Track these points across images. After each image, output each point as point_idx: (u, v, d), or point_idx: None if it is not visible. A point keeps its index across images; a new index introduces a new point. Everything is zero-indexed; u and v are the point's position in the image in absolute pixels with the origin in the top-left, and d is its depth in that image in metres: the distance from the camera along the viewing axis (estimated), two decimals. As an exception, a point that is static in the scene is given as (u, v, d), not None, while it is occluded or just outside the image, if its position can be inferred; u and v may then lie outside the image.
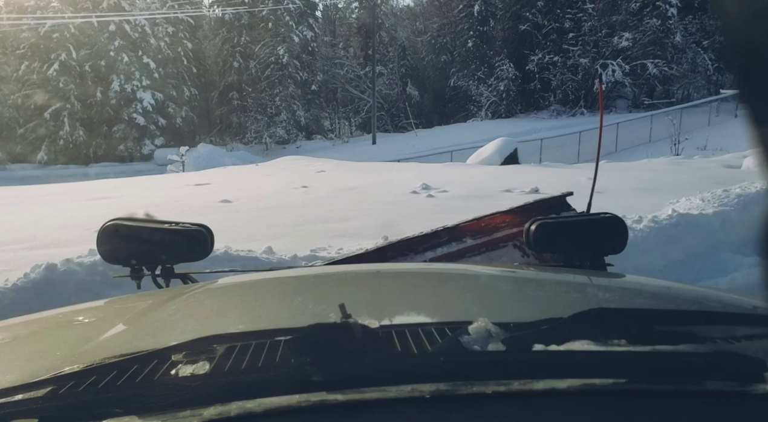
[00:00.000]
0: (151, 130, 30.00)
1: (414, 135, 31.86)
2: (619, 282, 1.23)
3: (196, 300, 1.08)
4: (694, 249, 4.53)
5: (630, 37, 32.89)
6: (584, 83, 33.74)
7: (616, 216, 1.38)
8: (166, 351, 0.64)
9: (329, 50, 37.37)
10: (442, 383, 0.54)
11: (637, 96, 33.99)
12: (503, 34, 36.94)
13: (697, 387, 0.57)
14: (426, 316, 0.91)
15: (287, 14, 32.13)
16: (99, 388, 0.57)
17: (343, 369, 0.56)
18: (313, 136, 33.68)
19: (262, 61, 32.11)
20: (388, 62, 37.86)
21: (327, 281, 1.24)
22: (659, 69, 32.31)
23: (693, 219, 4.72)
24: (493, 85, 35.35)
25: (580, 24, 33.69)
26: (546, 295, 1.11)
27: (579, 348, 0.61)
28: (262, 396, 0.52)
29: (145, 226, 1.35)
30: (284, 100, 31.79)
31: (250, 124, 32.35)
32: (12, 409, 0.53)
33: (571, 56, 33.58)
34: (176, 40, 31.79)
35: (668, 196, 5.87)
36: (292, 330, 0.70)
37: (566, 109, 34.43)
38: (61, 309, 1.19)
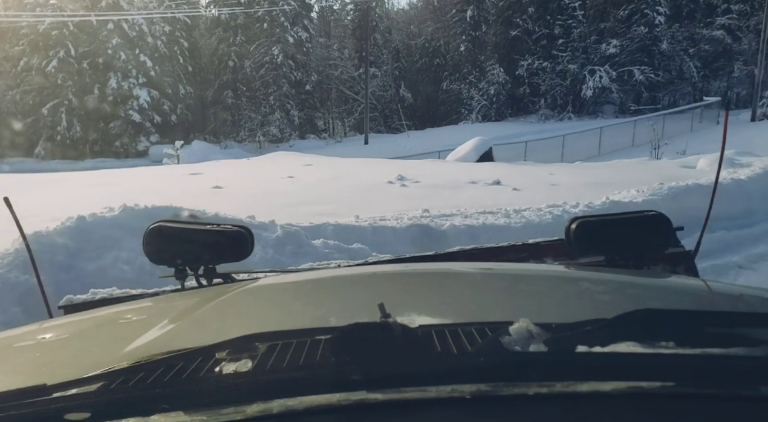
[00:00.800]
0: (147, 126, 30.55)
1: (406, 136, 32.50)
2: (665, 282, 1.20)
3: (238, 300, 1.09)
4: (621, 231, 5.22)
5: (618, 44, 33.66)
6: (572, 88, 34.46)
7: (660, 214, 1.33)
8: (210, 349, 0.65)
9: (324, 51, 37.99)
10: (483, 384, 0.54)
11: (624, 102, 34.79)
12: (495, 39, 37.64)
13: (751, 392, 0.55)
14: (466, 316, 0.89)
15: (282, 15, 32.74)
16: (147, 384, 0.59)
17: (383, 369, 0.57)
18: (306, 136, 34.27)
19: (257, 60, 32.73)
20: (382, 64, 38.53)
21: (366, 281, 1.23)
22: (646, 76, 33.11)
23: (623, 206, 5.44)
24: (484, 89, 36.05)
25: (570, 30, 34.40)
26: (589, 296, 1.07)
27: (624, 349, 0.60)
28: (303, 395, 0.53)
29: (189, 228, 1.39)
30: (278, 99, 32.41)
31: (244, 122, 32.96)
32: (66, 403, 0.55)
33: (560, 62, 34.29)
34: (173, 39, 32.37)
35: (614, 189, 6.58)
36: (332, 329, 0.71)
37: (554, 113, 35.10)
38: (110, 307, 1.28)
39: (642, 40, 33.86)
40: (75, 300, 1.67)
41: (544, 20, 35.40)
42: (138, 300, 1.44)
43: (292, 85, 33.47)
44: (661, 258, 1.62)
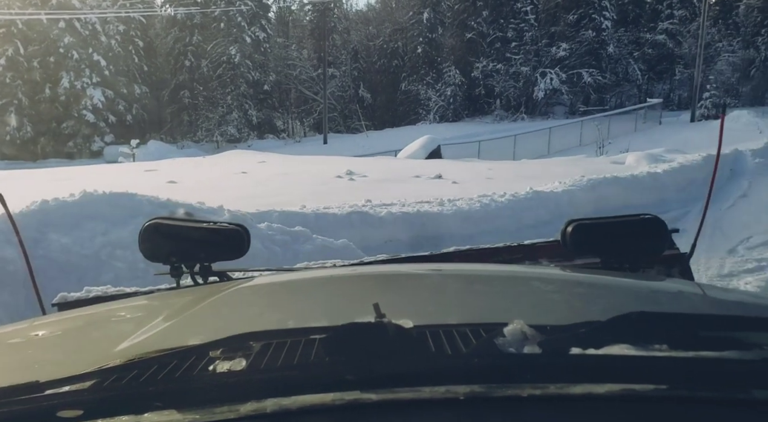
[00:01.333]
0: (101, 127, 30.09)
1: (365, 136, 32.91)
2: (659, 285, 1.21)
3: (233, 298, 1.09)
4: (543, 217, 5.86)
5: (567, 48, 34.96)
6: (525, 90, 35.52)
7: (656, 217, 1.34)
8: (204, 348, 0.65)
9: (282, 51, 38.05)
10: (477, 385, 0.54)
11: (573, 103, 36.09)
12: (451, 42, 38.47)
13: (744, 396, 0.55)
14: (460, 317, 0.90)
15: (239, 15, 32.73)
16: (140, 382, 0.59)
17: (377, 369, 0.57)
18: (265, 136, 34.30)
19: (214, 60, 32.63)
20: (341, 65, 38.85)
21: (361, 281, 1.23)
22: (594, 78, 34.50)
23: (545, 196, 6.06)
24: (441, 90, 36.78)
25: (522, 34, 35.42)
26: (583, 298, 1.09)
27: (618, 352, 0.59)
28: (297, 394, 0.53)
29: (185, 225, 1.38)
30: (236, 99, 32.39)
31: (201, 122, 32.79)
32: (59, 400, 0.55)
33: (514, 64, 35.29)
34: (127, 38, 31.96)
35: (542, 181, 7.21)
36: (327, 329, 0.71)
37: (508, 114, 36.05)
38: (104, 305, 1.28)
39: (590, 43, 35.28)
40: (69, 297, 1.67)
41: (497, 23, 36.39)
42: (132, 298, 1.45)
43: (250, 85, 33.48)
44: (656, 260, 1.62)
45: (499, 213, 5.65)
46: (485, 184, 7.15)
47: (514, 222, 5.70)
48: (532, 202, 5.90)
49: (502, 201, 5.86)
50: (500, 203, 5.82)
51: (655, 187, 7.32)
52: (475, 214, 5.58)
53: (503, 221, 5.63)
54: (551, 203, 6.00)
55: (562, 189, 6.21)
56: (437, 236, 5.38)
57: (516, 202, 5.85)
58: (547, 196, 6.04)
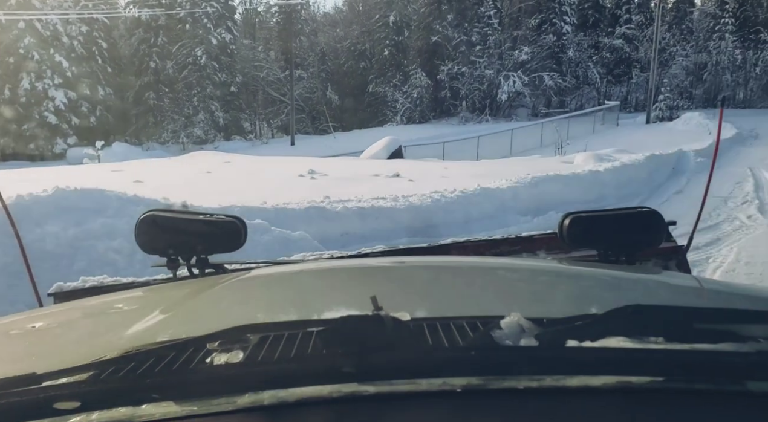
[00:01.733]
0: (64, 129, 29.65)
1: (333, 137, 33.15)
2: (656, 278, 1.22)
3: (230, 291, 1.09)
4: (488, 211, 6.34)
5: (529, 51, 35.87)
6: (489, 92, 36.26)
7: (653, 210, 1.34)
8: (202, 340, 0.65)
9: (249, 53, 38.02)
10: (474, 377, 0.54)
11: (536, 105, 37.09)
12: (417, 44, 39.01)
13: (739, 388, 0.55)
14: (458, 310, 0.90)
15: (205, 17, 32.67)
16: (138, 374, 0.58)
17: (375, 361, 0.57)
18: (232, 137, 34.27)
19: (180, 61, 32.48)
20: (309, 66, 39.02)
21: (358, 273, 1.24)
22: (555, 81, 35.53)
23: (491, 192, 6.54)
24: (407, 92, 37.29)
25: (486, 37, 36.14)
26: (580, 291, 1.09)
27: (614, 345, 0.60)
28: (295, 386, 0.53)
29: (182, 217, 1.38)
30: (202, 100, 32.31)
31: (167, 123, 32.58)
32: (56, 392, 0.55)
33: (478, 67, 35.97)
34: (90, 39, 31.55)
35: (492, 179, 7.71)
36: (324, 321, 0.72)
37: (473, 116, 36.73)
38: (101, 297, 1.30)
39: (551, 47, 36.33)
40: (65, 287, 1.66)
41: (462, 27, 37.09)
42: (129, 289, 1.46)
43: (217, 86, 33.41)
44: (653, 253, 1.62)
45: (449, 208, 6.11)
46: (440, 182, 7.61)
47: (462, 215, 6.17)
48: (479, 197, 6.38)
49: (451, 196, 6.32)
50: (450, 198, 6.28)
51: (596, 184, 7.90)
52: (427, 209, 6.03)
53: (452, 214, 6.09)
54: (496, 198, 6.50)
55: (507, 185, 6.71)
56: (391, 229, 5.81)
57: (464, 197, 6.33)
58: (493, 192, 6.54)
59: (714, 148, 2.06)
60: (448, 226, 5.96)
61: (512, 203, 6.51)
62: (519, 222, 6.16)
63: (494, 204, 6.36)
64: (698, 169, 11.54)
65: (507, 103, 36.46)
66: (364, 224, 5.59)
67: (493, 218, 6.22)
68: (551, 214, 6.52)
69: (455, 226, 5.91)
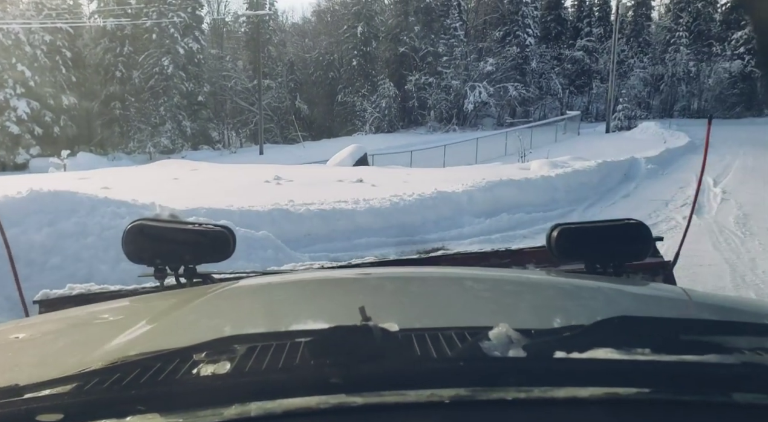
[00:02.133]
0: (26, 139, 29.17)
1: (302, 146, 33.31)
2: (643, 289, 1.23)
3: (218, 301, 1.09)
4: (444, 213, 6.73)
5: (494, 63, 36.75)
6: (456, 103, 36.97)
7: (640, 222, 1.35)
8: (188, 351, 0.64)
9: (217, 62, 38.00)
10: (462, 388, 0.54)
11: (501, 115, 37.97)
12: (385, 55, 39.58)
13: (725, 399, 0.55)
14: (446, 321, 0.90)
15: (172, 26, 32.61)
16: (123, 386, 0.58)
17: (363, 372, 0.57)
18: (199, 146, 34.14)
19: (146, 71, 32.32)
20: (277, 76, 39.15)
21: (347, 284, 1.24)
22: (518, 91, 36.49)
23: (447, 195, 6.94)
24: (376, 102, 37.71)
25: (452, 49, 36.86)
26: (568, 302, 1.10)
27: (601, 356, 0.60)
28: (282, 397, 0.53)
29: (170, 227, 1.37)
30: (169, 110, 32.17)
31: (133, 133, 32.34)
32: (38, 404, 0.54)
33: (445, 78, 36.67)
34: (54, 49, 31.16)
35: (450, 185, 8.12)
36: (312, 332, 0.73)
37: (441, 125, 37.32)
38: (87, 307, 1.28)
39: (515, 59, 37.30)
40: (51, 295, 1.64)
41: (429, 39, 37.81)
42: (116, 299, 1.45)
43: (184, 96, 33.32)
44: (640, 267, 1.63)
45: (407, 210, 6.48)
46: (401, 187, 7.97)
47: (420, 217, 6.55)
48: (436, 200, 6.78)
49: (410, 200, 6.70)
50: (408, 202, 6.66)
51: (548, 189, 8.39)
52: (386, 211, 6.38)
53: (410, 216, 6.46)
54: (453, 202, 6.91)
55: (463, 190, 7.13)
56: (352, 229, 6.14)
57: (422, 200, 6.72)
58: (449, 196, 6.94)
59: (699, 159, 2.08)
60: (406, 227, 6.33)
61: (467, 206, 6.92)
62: (473, 223, 6.58)
63: (450, 207, 6.77)
64: (648, 175, 12.20)
65: (473, 112, 37.19)
66: (326, 225, 5.91)
67: (449, 219, 6.62)
68: (503, 216, 6.96)
69: (411, 227, 6.29)
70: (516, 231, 6.50)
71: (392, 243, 5.88)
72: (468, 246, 5.99)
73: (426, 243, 5.98)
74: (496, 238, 6.17)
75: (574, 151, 20.26)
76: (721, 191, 9.90)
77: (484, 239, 6.16)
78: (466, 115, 37.31)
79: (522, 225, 6.78)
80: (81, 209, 4.09)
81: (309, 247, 5.43)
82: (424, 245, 5.95)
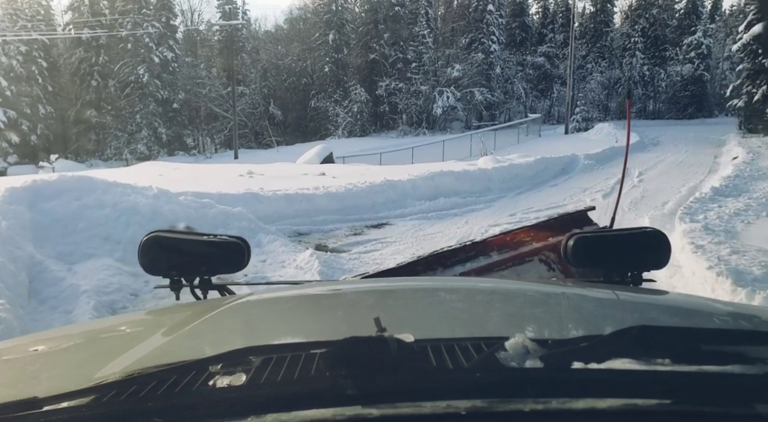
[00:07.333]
0: (3, 147, 29.76)
1: (276, 151, 34.19)
2: (662, 299, 1.22)
3: (233, 313, 1.10)
4: (391, 197, 8.10)
5: (461, 68, 38.14)
6: (425, 107, 38.25)
7: (658, 231, 1.34)
8: (204, 363, 0.65)
9: (191, 70, 38.66)
10: (479, 399, 0.53)
11: (468, 119, 39.50)
12: (356, 62, 40.65)
13: (747, 410, 0.55)
14: (461, 332, 0.89)
15: (147, 36, 33.43)
16: (139, 398, 0.58)
17: (378, 384, 0.56)
18: (175, 152, 34.85)
19: (122, 80, 33.07)
20: (251, 83, 39.92)
21: (362, 296, 1.23)
22: (484, 96, 38.05)
23: (395, 183, 8.32)
24: (348, 107, 38.73)
25: (421, 55, 38.05)
26: (585, 312, 1.09)
27: (620, 366, 0.59)
28: (298, 409, 0.53)
29: (185, 238, 1.39)
30: (145, 117, 32.94)
31: (110, 140, 33.04)
32: (57, 416, 0.55)
33: (414, 83, 37.82)
34: (30, 59, 31.76)
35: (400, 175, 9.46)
36: (327, 343, 0.70)
37: (412, 129, 38.47)
38: (104, 320, 1.34)
39: (480, 64, 38.87)
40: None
41: (398, 46, 39.06)
42: (132, 312, 1.51)
43: (159, 103, 34.07)
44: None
45: (359, 194, 7.86)
46: (356, 178, 9.30)
47: (370, 200, 7.93)
48: (384, 187, 8.17)
49: (362, 187, 8.08)
50: (360, 188, 8.04)
51: (483, 179, 9.82)
52: (341, 195, 7.72)
53: (362, 200, 7.84)
54: (399, 188, 8.31)
55: (408, 179, 8.55)
56: (313, 209, 7.47)
57: (372, 187, 8.10)
58: (396, 184, 8.35)
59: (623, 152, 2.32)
60: (358, 208, 7.67)
61: (411, 191, 8.31)
62: (415, 205, 8.00)
63: (397, 192, 8.14)
64: (583, 169, 13.69)
65: (442, 116, 38.45)
66: (290, 206, 7.22)
67: (395, 202, 8.00)
68: (441, 199, 8.34)
69: (364, 208, 7.64)
70: (450, 210, 7.89)
71: (345, 219, 7.20)
72: (408, 221, 7.34)
73: (373, 220, 7.32)
74: (431, 216, 7.58)
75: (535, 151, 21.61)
76: (638, 181, 11.44)
77: (422, 216, 7.54)
78: (436, 119, 38.52)
79: (456, 206, 8.16)
80: (98, 189, 5.31)
81: (275, 222, 6.72)
82: (371, 221, 7.29)
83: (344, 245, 6.22)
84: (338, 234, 6.82)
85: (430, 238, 6.48)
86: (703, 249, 4.53)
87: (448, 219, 7.46)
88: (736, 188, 8.57)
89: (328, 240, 6.54)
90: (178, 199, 5.74)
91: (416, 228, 6.95)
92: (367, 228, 7.06)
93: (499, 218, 7.46)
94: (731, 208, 6.74)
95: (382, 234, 6.76)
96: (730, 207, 6.89)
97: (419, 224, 7.20)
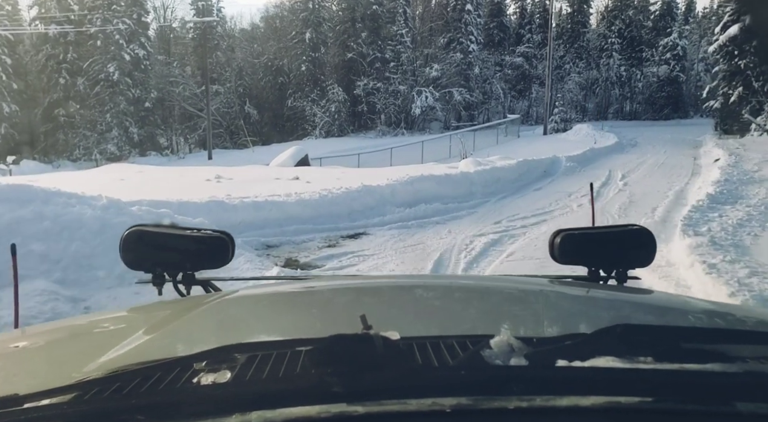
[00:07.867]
0: (-35, 146, 28.55)
1: (251, 151, 33.53)
2: (646, 298, 1.24)
3: (218, 310, 1.09)
4: (369, 204, 7.58)
5: (439, 68, 37.95)
6: (404, 107, 37.94)
7: (644, 228, 1.35)
8: (189, 360, 0.64)
9: (164, 68, 37.80)
10: (464, 397, 0.54)
11: (447, 119, 39.26)
12: (333, 61, 40.19)
13: (728, 409, 0.55)
14: (447, 329, 0.89)
15: (117, 33, 32.46)
16: (122, 395, 0.57)
17: (364, 381, 0.56)
18: (147, 153, 33.96)
19: (91, 77, 32.03)
20: (226, 81, 39.13)
21: (348, 293, 1.23)
22: (463, 96, 37.85)
23: (373, 189, 7.80)
24: (326, 107, 38.21)
25: (399, 55, 37.79)
26: (570, 310, 1.10)
27: (604, 364, 0.60)
28: (283, 407, 0.52)
29: (169, 233, 1.37)
30: (115, 116, 31.97)
31: (79, 140, 31.98)
32: (38, 413, 0.54)
33: (393, 83, 37.51)
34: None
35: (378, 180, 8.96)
36: (313, 340, 0.70)
37: (390, 129, 38.17)
38: (87, 316, 1.31)
39: (459, 64, 38.67)
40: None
41: (376, 45, 38.67)
42: (115, 310, 1.43)
43: (131, 102, 33.14)
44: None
45: (334, 201, 7.31)
46: (333, 183, 8.78)
47: (346, 207, 7.39)
48: (361, 193, 7.63)
49: (338, 193, 7.53)
50: (336, 194, 7.48)
51: (465, 183, 9.37)
52: (315, 202, 7.17)
53: (337, 207, 7.29)
54: (377, 194, 7.77)
55: (386, 183, 8.02)
56: (284, 218, 6.91)
57: (348, 193, 7.55)
58: (374, 189, 7.81)
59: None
60: (333, 216, 7.14)
61: (390, 197, 7.79)
62: (394, 211, 7.47)
63: (375, 198, 7.62)
64: (566, 172, 13.38)
65: (421, 117, 38.18)
66: (259, 214, 6.65)
67: (373, 209, 7.47)
68: (422, 206, 7.86)
69: (338, 217, 7.11)
70: (431, 218, 7.41)
71: (319, 229, 6.68)
72: (387, 230, 6.86)
73: (350, 230, 6.82)
74: (412, 224, 7.09)
75: (513, 152, 21.47)
76: (623, 184, 11.14)
77: (401, 225, 7.05)
78: (414, 119, 38.26)
79: (438, 213, 7.70)
80: (36, 199, 4.70)
81: (242, 233, 6.15)
82: (348, 230, 6.79)
83: (317, 259, 5.73)
84: (311, 246, 6.32)
85: (411, 251, 6.02)
86: (717, 270, 4.15)
87: (429, 228, 7.00)
88: (731, 194, 8.31)
89: (300, 253, 6.03)
90: (130, 210, 5.15)
91: (396, 239, 6.48)
92: (343, 240, 6.56)
93: (483, 226, 7.02)
94: (733, 218, 6.45)
95: (358, 246, 6.27)
96: (732, 216, 6.62)
97: (399, 234, 6.72)
